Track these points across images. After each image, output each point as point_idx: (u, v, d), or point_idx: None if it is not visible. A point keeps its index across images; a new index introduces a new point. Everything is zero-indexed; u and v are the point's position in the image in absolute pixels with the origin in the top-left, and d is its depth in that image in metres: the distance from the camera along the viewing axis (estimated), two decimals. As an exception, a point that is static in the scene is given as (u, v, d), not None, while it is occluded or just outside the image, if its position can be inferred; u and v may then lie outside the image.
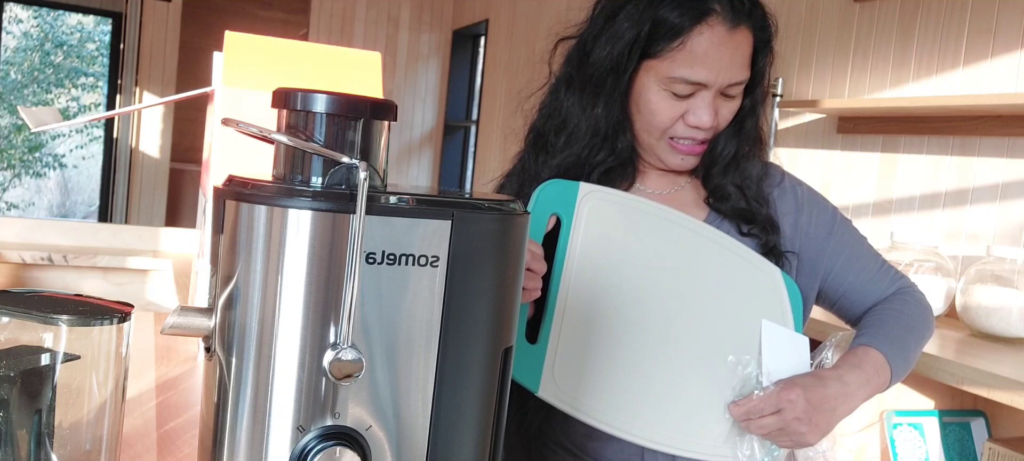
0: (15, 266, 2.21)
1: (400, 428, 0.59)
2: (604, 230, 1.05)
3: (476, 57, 6.56)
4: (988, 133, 2.31)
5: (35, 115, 1.38)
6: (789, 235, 1.22)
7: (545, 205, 1.05)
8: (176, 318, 0.59)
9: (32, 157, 8.44)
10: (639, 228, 1.07)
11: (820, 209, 1.27)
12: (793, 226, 1.23)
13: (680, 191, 1.25)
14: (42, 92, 8.27)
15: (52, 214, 8.42)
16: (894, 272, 1.28)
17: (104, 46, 8.12)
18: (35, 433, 0.67)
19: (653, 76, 1.14)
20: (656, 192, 1.23)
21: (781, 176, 1.29)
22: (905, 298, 1.24)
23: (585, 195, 1.06)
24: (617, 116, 1.18)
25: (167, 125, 6.72)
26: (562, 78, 1.23)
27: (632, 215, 1.08)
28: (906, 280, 1.28)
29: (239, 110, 1.20)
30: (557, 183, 1.07)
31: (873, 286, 1.25)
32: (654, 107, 1.15)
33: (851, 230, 1.28)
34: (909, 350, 1.17)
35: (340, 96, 0.60)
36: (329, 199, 0.56)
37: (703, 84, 1.12)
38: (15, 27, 8.00)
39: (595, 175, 1.17)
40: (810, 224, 1.24)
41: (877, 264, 1.27)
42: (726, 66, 1.12)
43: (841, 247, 1.25)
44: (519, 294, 0.65)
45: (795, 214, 1.24)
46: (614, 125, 1.18)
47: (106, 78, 7.87)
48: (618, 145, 1.18)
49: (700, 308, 1.08)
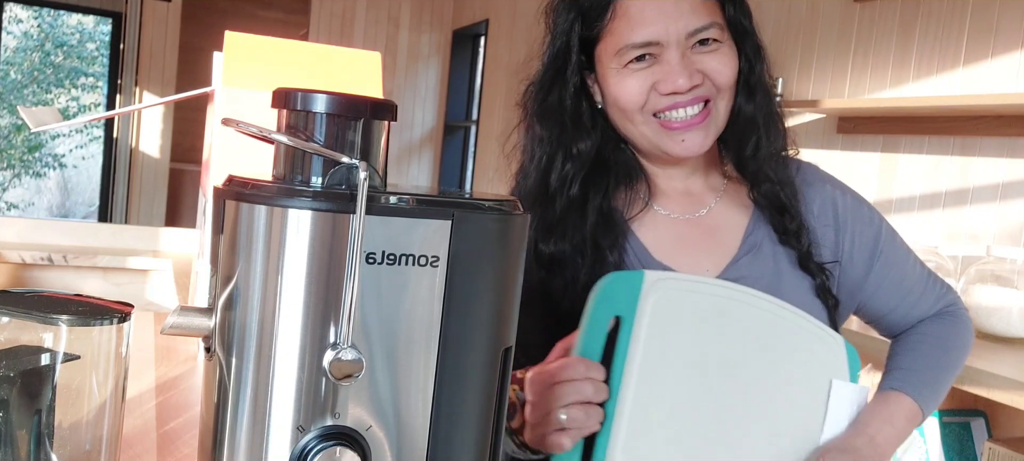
0: (15, 266, 2.21)
1: (400, 428, 0.59)
2: (671, 323, 0.91)
3: (476, 57, 6.56)
4: (988, 133, 2.31)
5: (35, 115, 1.38)
6: (826, 255, 1.12)
7: (605, 306, 0.90)
8: (176, 318, 0.59)
9: (32, 157, 8.44)
10: (708, 314, 0.94)
11: (863, 225, 1.14)
12: (834, 246, 1.12)
13: (702, 216, 1.13)
14: (42, 92, 8.27)
15: (52, 214, 8.42)
16: (939, 288, 1.19)
17: (104, 46, 8.12)
18: (35, 433, 0.67)
19: (606, 62, 1.06)
20: (671, 215, 1.12)
21: (816, 177, 1.17)
22: (946, 322, 1.16)
23: (652, 285, 0.91)
24: (573, 114, 1.08)
25: (167, 125, 6.72)
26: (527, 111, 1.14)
27: (700, 301, 0.94)
28: (951, 296, 1.19)
29: (239, 110, 1.20)
30: (618, 277, 0.92)
31: (916, 309, 1.16)
32: (618, 89, 1.05)
33: (896, 248, 1.16)
34: (942, 388, 1.10)
35: (340, 96, 0.60)
36: (329, 199, 0.56)
37: (655, 43, 1.02)
38: (15, 27, 8.00)
39: (573, 188, 1.07)
40: (853, 247, 1.13)
41: (922, 283, 1.17)
42: (672, 15, 1.02)
43: (886, 271, 1.14)
44: (519, 294, 0.65)
45: (835, 231, 1.13)
46: (572, 126, 1.08)
47: (106, 78, 7.87)
48: (580, 148, 1.08)
49: (770, 391, 0.96)
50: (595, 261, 1.05)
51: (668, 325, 0.91)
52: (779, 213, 1.10)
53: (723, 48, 1.05)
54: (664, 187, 1.13)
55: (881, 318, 1.17)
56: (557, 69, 1.09)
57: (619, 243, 1.07)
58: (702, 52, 1.04)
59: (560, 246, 1.06)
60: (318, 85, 0.62)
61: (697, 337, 0.93)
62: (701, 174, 1.15)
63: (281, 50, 1.33)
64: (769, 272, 1.09)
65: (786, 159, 1.14)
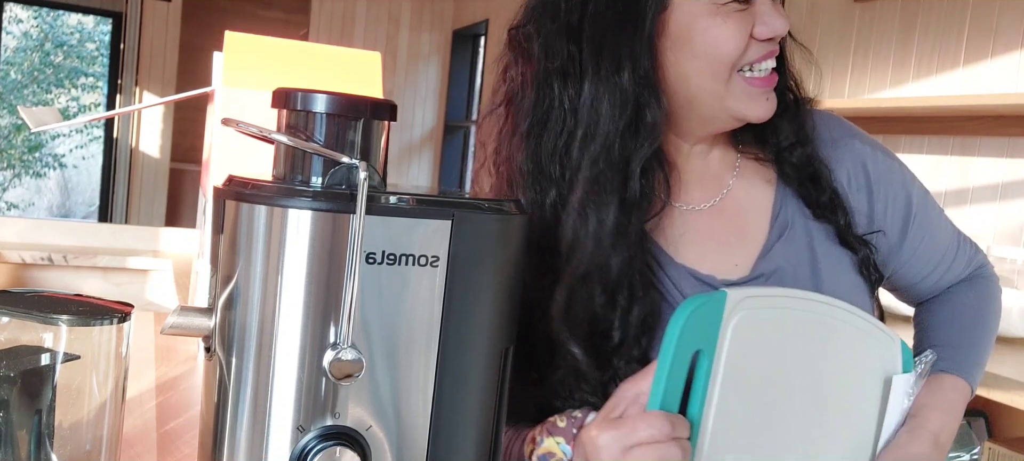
0: (15, 266, 2.21)
1: (400, 428, 0.59)
2: (749, 345, 0.78)
3: (476, 57, 6.56)
4: (988, 133, 2.31)
5: (35, 115, 1.38)
6: (862, 223, 0.98)
7: (687, 340, 0.73)
8: (176, 318, 0.59)
9: (32, 157, 8.44)
10: (787, 331, 0.83)
11: (896, 186, 1.00)
12: (867, 213, 0.98)
13: (721, 201, 0.96)
14: (42, 92, 8.27)
15: (52, 214, 8.42)
16: (970, 249, 1.07)
17: (104, 46, 8.12)
18: (35, 433, 0.67)
19: (690, 7, 0.86)
20: (692, 208, 0.95)
21: (841, 132, 1.00)
22: (979, 287, 1.06)
23: (735, 305, 0.76)
24: (646, 72, 0.86)
25: (167, 125, 6.72)
26: (554, 71, 0.87)
27: (782, 317, 0.82)
28: (980, 256, 1.09)
29: (239, 110, 1.20)
30: (697, 302, 0.74)
31: (949, 273, 1.05)
32: (714, 33, 0.85)
33: (929, 209, 1.03)
34: (985, 362, 1.01)
35: (340, 96, 0.60)
36: (329, 199, 0.56)
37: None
38: (15, 27, 8.00)
39: (634, 184, 0.86)
40: (887, 212, 0.99)
41: (954, 245, 1.05)
42: None
43: (920, 236, 1.01)
44: (519, 294, 0.64)
45: (867, 195, 0.99)
46: (646, 88, 0.86)
47: (106, 78, 7.87)
48: (649, 119, 0.86)
49: (831, 396, 0.88)
50: (642, 285, 0.87)
51: (746, 347, 0.78)
52: (810, 183, 0.95)
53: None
54: (682, 170, 0.95)
55: (912, 286, 1.05)
56: (625, 15, 0.86)
57: (637, 256, 0.87)
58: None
59: (621, 260, 0.86)
60: (318, 85, 0.62)
61: (769, 354, 0.81)
62: (719, 149, 0.98)
63: (281, 50, 1.33)
64: (805, 255, 0.94)
65: (804, 114, 0.98)
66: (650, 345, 0.86)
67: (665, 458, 0.70)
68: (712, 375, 0.74)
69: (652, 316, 0.87)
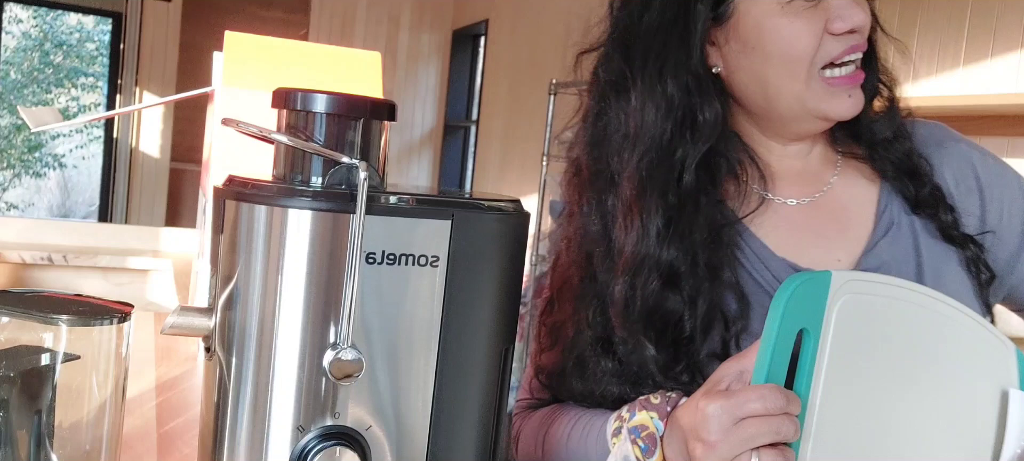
0: (15, 266, 2.21)
1: (400, 428, 0.59)
2: (856, 332, 0.76)
3: (476, 57, 6.57)
4: (988, 133, 2.31)
5: (35, 115, 1.38)
6: (973, 225, 0.94)
7: (793, 316, 0.71)
8: (176, 318, 0.59)
9: (32, 157, 8.44)
10: (895, 320, 0.80)
11: (1011, 191, 0.95)
12: (980, 214, 0.94)
13: (824, 195, 0.94)
14: (42, 92, 8.27)
15: (52, 214, 8.42)
16: None
17: (104, 46, 8.12)
18: (35, 433, 0.67)
19: (760, 3, 0.85)
20: (792, 202, 0.93)
21: (945, 136, 0.98)
22: None
23: (840, 287, 0.75)
24: (696, 75, 0.88)
25: (167, 125, 6.72)
26: (607, 86, 0.91)
27: (889, 305, 0.79)
28: None
29: (239, 110, 1.20)
30: (804, 280, 0.73)
31: None
32: (785, 33, 0.84)
33: None
34: None
35: (340, 96, 0.60)
36: (329, 199, 0.56)
37: None
38: (15, 27, 8.00)
39: (689, 174, 0.87)
40: (1000, 221, 0.94)
41: None
42: None
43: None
44: (519, 294, 0.65)
45: (979, 196, 0.94)
46: (697, 92, 0.88)
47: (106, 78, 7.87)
48: (701, 119, 0.87)
49: (943, 400, 0.83)
50: (708, 277, 0.86)
51: (853, 332, 0.75)
52: (908, 178, 0.93)
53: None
54: (778, 170, 0.94)
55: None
56: (675, 20, 0.87)
57: (732, 251, 0.89)
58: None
59: (675, 252, 0.86)
60: (318, 85, 0.62)
61: (877, 342, 0.78)
62: (819, 147, 0.96)
63: (281, 50, 1.33)
64: (911, 253, 0.91)
65: (903, 121, 0.96)
66: (737, 337, 0.86)
67: (778, 432, 0.67)
68: (818, 354, 0.72)
69: (723, 307, 0.86)
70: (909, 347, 0.80)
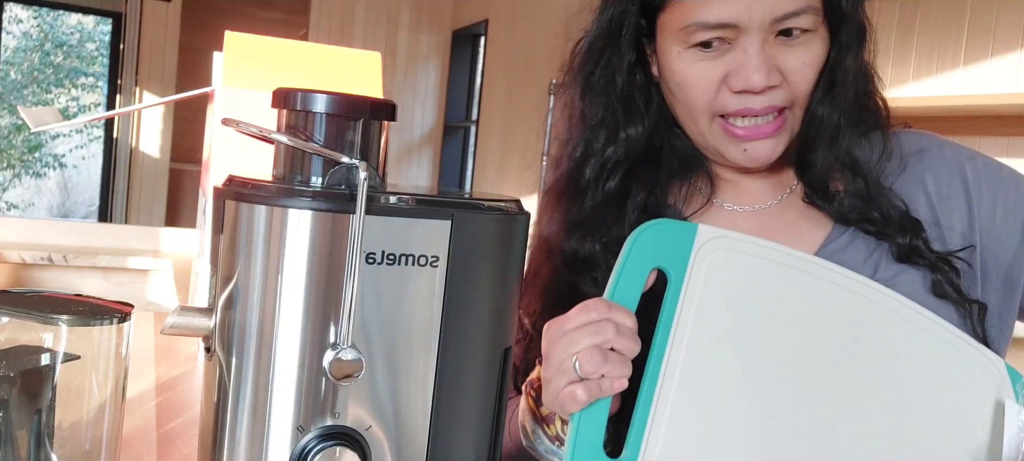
0: (15, 266, 2.21)
1: (400, 428, 0.59)
2: (730, 293, 0.74)
3: (476, 57, 6.56)
4: (988, 133, 2.31)
5: (35, 115, 1.38)
6: (963, 231, 0.89)
7: (643, 255, 0.72)
8: (176, 318, 0.59)
9: (32, 157, 8.44)
10: (790, 294, 0.75)
11: (1007, 188, 0.90)
12: (966, 219, 0.89)
13: (779, 203, 0.92)
14: (42, 92, 8.27)
15: (52, 214, 8.42)
16: None
17: (104, 46, 8.12)
18: (35, 433, 0.67)
19: (669, 37, 0.85)
20: (741, 209, 0.93)
21: (930, 142, 0.93)
22: None
23: (705, 243, 0.73)
24: (629, 85, 0.89)
25: (167, 125, 6.72)
26: (561, 87, 0.97)
27: (773, 272, 0.75)
28: None
29: (239, 110, 1.20)
30: (663, 224, 0.73)
31: None
32: (681, 77, 0.85)
33: None
34: None
35: (340, 96, 0.60)
36: (329, 199, 0.56)
37: (731, 25, 0.81)
38: (15, 27, 8.00)
39: (612, 185, 0.90)
40: (995, 216, 0.89)
41: None
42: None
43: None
44: (518, 294, 0.65)
45: (966, 199, 0.90)
46: (620, 111, 0.90)
47: (106, 78, 7.87)
48: (623, 136, 0.90)
49: (888, 405, 0.77)
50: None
51: (732, 296, 0.73)
52: (866, 222, 0.88)
53: (812, 41, 0.84)
54: (729, 179, 0.94)
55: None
56: (610, 36, 0.89)
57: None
58: (786, 44, 0.83)
59: (587, 245, 0.89)
60: (318, 85, 0.62)
61: (774, 320, 0.74)
62: (776, 164, 0.92)
63: (281, 50, 1.33)
64: (867, 268, 0.87)
65: (888, 136, 0.92)
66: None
67: (597, 332, 0.69)
68: (681, 305, 0.72)
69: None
70: (831, 334, 0.75)
